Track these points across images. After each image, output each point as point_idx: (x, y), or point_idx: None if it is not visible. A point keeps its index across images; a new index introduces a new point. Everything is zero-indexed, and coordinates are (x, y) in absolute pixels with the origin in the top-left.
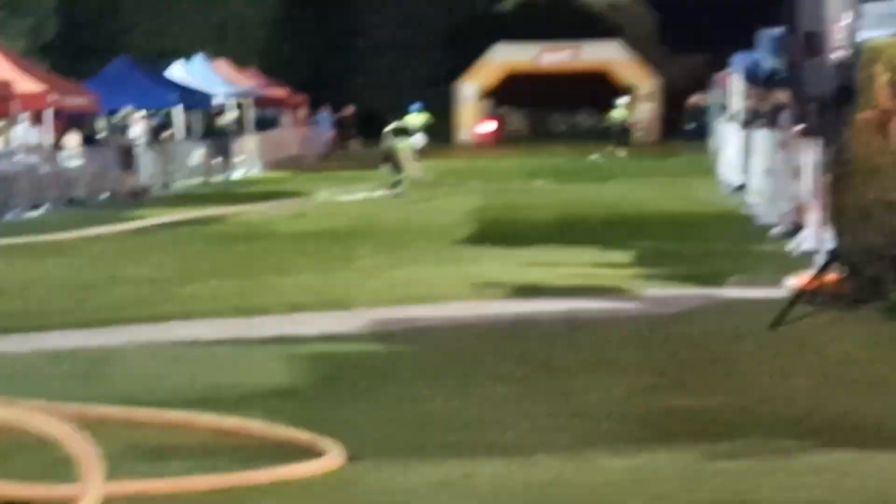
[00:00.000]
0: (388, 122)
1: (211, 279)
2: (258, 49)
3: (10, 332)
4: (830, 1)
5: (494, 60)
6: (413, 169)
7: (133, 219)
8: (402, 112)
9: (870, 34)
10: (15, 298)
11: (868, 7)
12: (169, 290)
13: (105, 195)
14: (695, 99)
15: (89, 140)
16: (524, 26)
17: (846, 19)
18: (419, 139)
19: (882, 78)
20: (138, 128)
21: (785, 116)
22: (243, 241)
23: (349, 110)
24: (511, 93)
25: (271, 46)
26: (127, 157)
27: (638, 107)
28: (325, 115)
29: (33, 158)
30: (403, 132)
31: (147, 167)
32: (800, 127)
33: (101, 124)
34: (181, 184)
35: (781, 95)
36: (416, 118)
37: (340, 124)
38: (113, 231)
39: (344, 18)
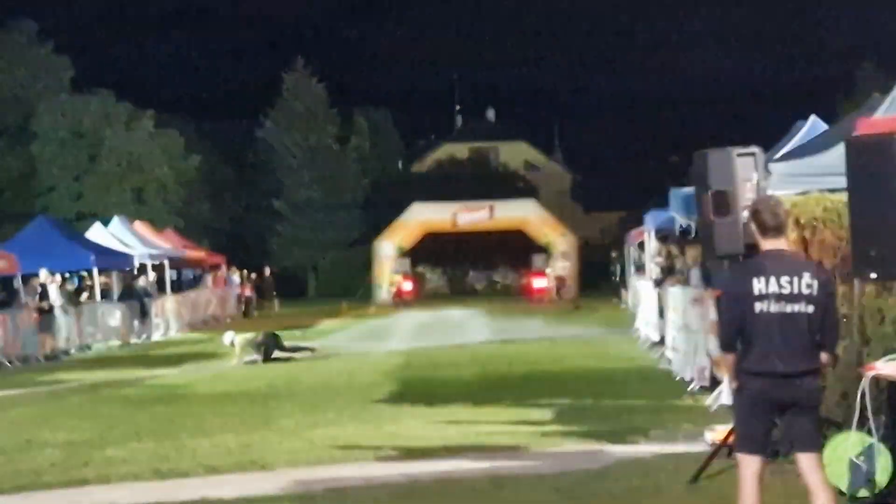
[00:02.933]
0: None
1: (129, 442)
2: (177, 210)
3: None
4: (739, 161)
5: (412, 220)
6: None
7: (50, 382)
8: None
9: (778, 192)
10: None
11: (775, 166)
12: (86, 453)
13: (22, 358)
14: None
15: (5, 303)
16: (441, 186)
17: (755, 178)
18: None
19: (791, 235)
20: (55, 290)
21: (696, 273)
22: (162, 403)
23: (267, 271)
24: (429, 251)
25: (190, 208)
26: (44, 319)
27: (555, 264)
28: (232, 277)
29: None
30: None
31: (65, 329)
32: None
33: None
34: (99, 346)
35: (694, 253)
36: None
37: (259, 285)
38: (29, 394)
39: (262, 179)
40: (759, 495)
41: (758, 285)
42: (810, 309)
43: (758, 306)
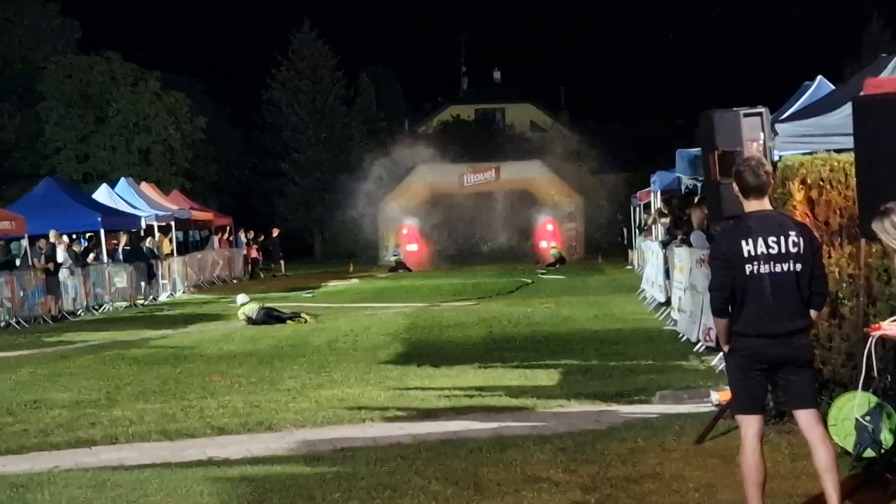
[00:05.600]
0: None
1: (136, 402)
2: (183, 171)
3: None
4: (745, 121)
5: (418, 181)
6: None
7: (57, 342)
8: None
9: (785, 153)
10: None
11: (782, 127)
12: (93, 414)
13: (29, 318)
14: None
15: (10, 263)
16: (447, 147)
17: (761, 139)
18: None
19: (797, 195)
20: (63, 251)
21: (697, 235)
22: (168, 364)
23: (274, 232)
24: (435, 212)
25: (197, 169)
26: (52, 280)
27: (561, 225)
28: (239, 238)
29: None
30: None
31: (72, 290)
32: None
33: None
34: (107, 306)
35: (700, 213)
36: None
37: (266, 246)
38: (37, 355)
39: (268, 140)
40: (761, 455)
41: (746, 247)
42: (798, 267)
43: (748, 268)
